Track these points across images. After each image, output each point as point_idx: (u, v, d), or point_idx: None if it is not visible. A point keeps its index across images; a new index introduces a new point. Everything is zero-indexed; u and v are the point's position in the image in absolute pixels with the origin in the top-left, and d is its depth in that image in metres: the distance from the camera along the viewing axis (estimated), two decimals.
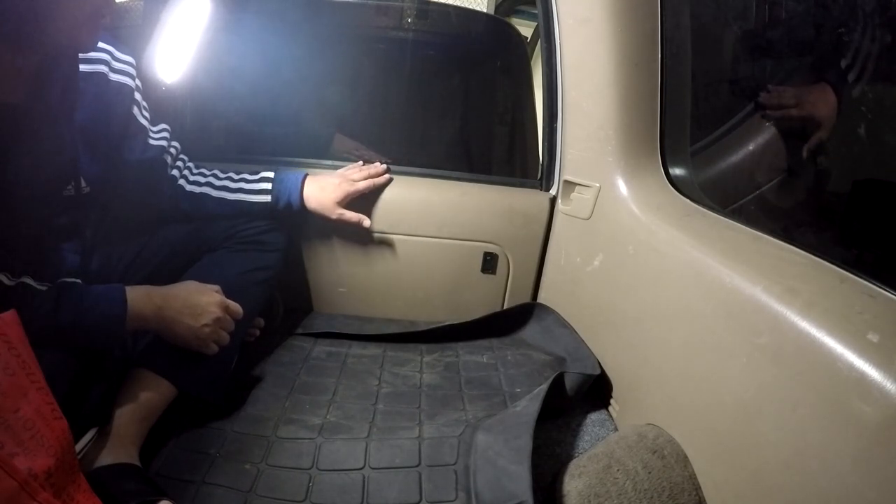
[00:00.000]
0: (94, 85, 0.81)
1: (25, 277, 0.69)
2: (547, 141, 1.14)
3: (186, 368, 0.81)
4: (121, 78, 0.85)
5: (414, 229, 1.16)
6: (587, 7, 0.95)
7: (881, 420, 0.47)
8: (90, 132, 0.81)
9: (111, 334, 0.74)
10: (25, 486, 0.47)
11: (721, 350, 0.68)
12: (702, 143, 1.13)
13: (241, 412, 0.87)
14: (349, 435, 0.83)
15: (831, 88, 1.00)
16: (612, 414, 0.95)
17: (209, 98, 1.36)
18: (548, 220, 1.16)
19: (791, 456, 0.55)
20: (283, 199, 1.03)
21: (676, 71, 0.97)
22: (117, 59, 0.85)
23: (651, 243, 0.88)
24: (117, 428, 0.73)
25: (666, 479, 0.69)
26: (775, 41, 1.13)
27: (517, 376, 1.02)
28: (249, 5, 1.47)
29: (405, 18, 1.53)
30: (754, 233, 0.77)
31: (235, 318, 0.84)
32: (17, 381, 0.52)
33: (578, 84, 1.02)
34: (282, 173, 1.05)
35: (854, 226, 0.93)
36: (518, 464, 0.71)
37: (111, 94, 0.84)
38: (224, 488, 0.71)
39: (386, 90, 1.59)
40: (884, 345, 0.50)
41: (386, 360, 1.07)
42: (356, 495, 0.72)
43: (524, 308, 1.18)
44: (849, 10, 0.99)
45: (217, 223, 1.00)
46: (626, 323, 0.94)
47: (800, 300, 0.59)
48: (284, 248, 1.04)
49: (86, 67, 0.80)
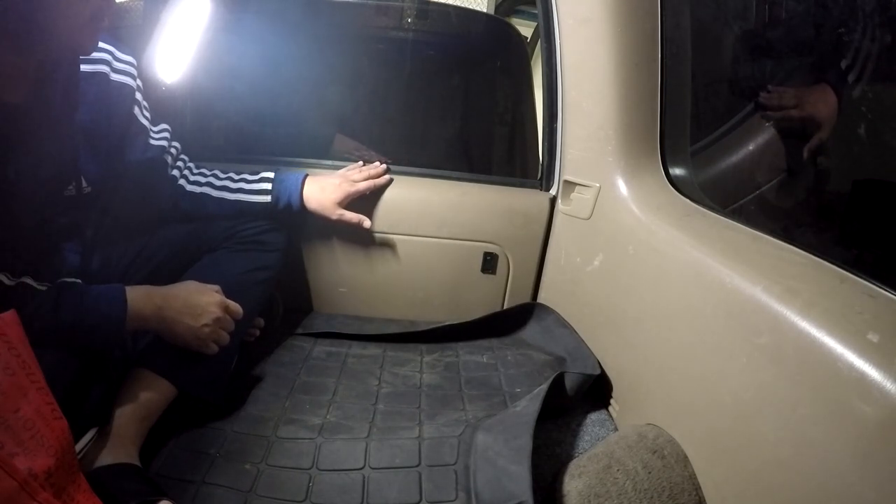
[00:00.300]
0: (95, 85, 0.81)
1: (25, 277, 0.69)
2: (547, 141, 1.14)
3: (186, 368, 0.81)
4: (122, 78, 0.85)
5: (414, 229, 1.16)
6: (587, 7, 0.95)
7: (881, 420, 0.47)
8: (91, 132, 0.81)
9: (111, 334, 0.74)
10: (25, 486, 0.47)
11: (721, 350, 0.68)
12: (702, 143, 1.13)
13: (241, 412, 0.87)
14: (349, 435, 0.83)
15: (831, 88, 1.00)
16: (612, 414, 0.95)
17: (209, 98, 1.35)
18: (548, 220, 1.16)
19: (791, 456, 0.55)
20: (284, 199, 1.03)
21: (676, 71, 0.97)
22: (118, 59, 0.85)
23: (651, 243, 0.88)
24: (117, 428, 0.73)
25: (666, 479, 0.69)
26: (775, 41, 1.13)
27: (517, 376, 1.02)
28: (249, 5, 1.47)
29: (405, 18, 1.53)
30: (754, 233, 0.77)
31: (235, 318, 0.84)
32: (17, 381, 0.52)
33: (578, 84, 1.02)
34: (282, 174, 1.05)
35: (854, 226, 0.93)
36: (518, 464, 0.71)
37: (112, 95, 0.84)
38: (224, 488, 0.71)
39: (386, 90, 1.59)
40: (884, 345, 0.50)
41: (386, 360, 1.07)
42: (356, 495, 0.72)
43: (524, 308, 1.18)
44: (849, 10, 0.99)
45: (217, 223, 1.00)
46: (626, 323, 0.94)
47: (800, 300, 0.59)
48: (284, 248, 1.04)
49: (87, 67, 0.79)
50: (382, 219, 1.15)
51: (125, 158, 0.89)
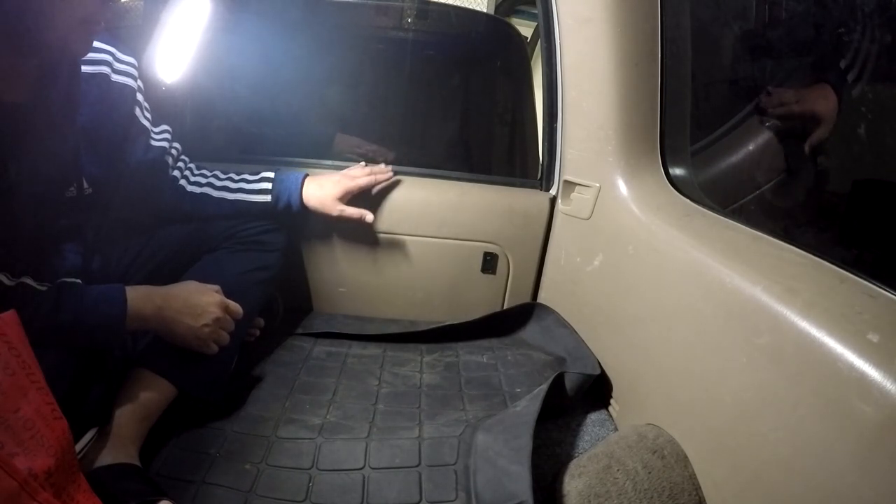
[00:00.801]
0: (96, 86, 0.81)
1: (25, 277, 0.69)
2: (547, 141, 1.14)
3: (186, 368, 0.81)
4: (123, 79, 0.85)
5: (414, 229, 1.16)
6: (587, 7, 0.95)
7: (881, 420, 0.47)
8: (92, 133, 0.81)
9: (111, 334, 0.74)
10: (25, 486, 0.47)
11: (721, 350, 0.68)
12: (702, 143, 1.13)
13: (241, 412, 0.87)
14: (349, 435, 0.83)
15: (831, 88, 1.00)
16: (612, 414, 0.95)
17: (210, 98, 1.36)
18: (548, 220, 1.16)
19: (791, 456, 0.55)
20: (283, 198, 1.03)
21: (676, 71, 0.97)
22: (119, 60, 0.84)
23: (651, 243, 0.88)
24: (117, 428, 0.73)
25: (666, 479, 0.69)
26: (775, 41, 1.13)
27: (517, 376, 1.02)
28: (249, 5, 1.47)
29: (405, 18, 1.53)
30: (754, 233, 0.77)
31: (235, 318, 0.84)
32: (17, 381, 0.52)
33: (578, 84, 1.02)
34: (282, 173, 1.05)
35: (854, 226, 0.93)
36: (518, 464, 0.71)
37: (113, 96, 0.84)
38: (224, 488, 0.71)
39: (386, 90, 1.59)
40: (884, 345, 0.50)
41: (386, 360, 1.07)
42: (356, 495, 0.72)
43: (524, 308, 1.18)
44: (848, 10, 0.99)
45: (217, 223, 1.00)
46: (626, 323, 0.94)
47: (800, 300, 0.59)
48: (284, 247, 1.04)
49: (88, 69, 0.79)
50: (382, 219, 1.15)
51: (126, 159, 0.89)
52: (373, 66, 1.58)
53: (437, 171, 1.20)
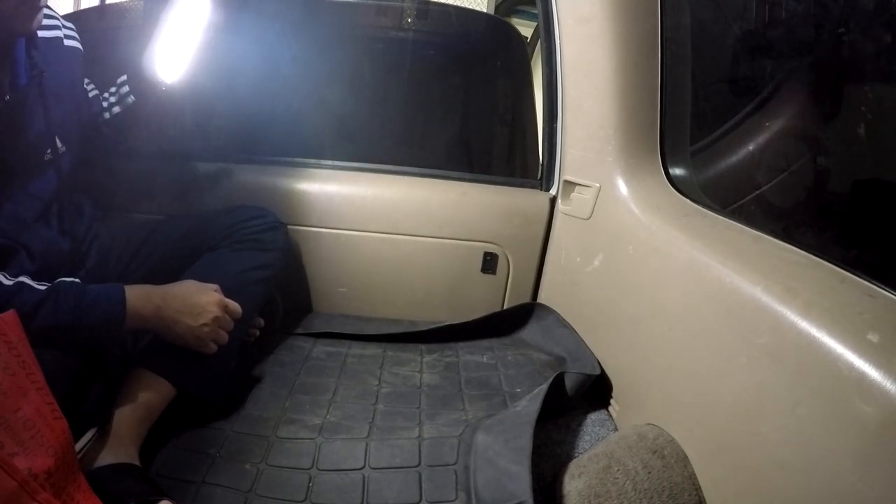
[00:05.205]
0: (53, 49, 0.85)
1: (24, 277, 0.69)
2: (547, 141, 1.14)
3: (186, 368, 0.81)
4: (73, 43, 0.90)
5: (414, 229, 1.16)
6: (587, 7, 0.95)
7: (881, 420, 0.47)
8: (57, 95, 0.83)
9: (110, 334, 0.74)
10: (25, 486, 0.47)
11: (721, 350, 0.68)
12: (702, 143, 1.13)
13: (241, 412, 0.87)
14: (349, 435, 0.83)
15: (831, 88, 1.00)
16: (612, 414, 0.95)
17: (209, 98, 1.35)
18: (548, 220, 1.16)
19: (791, 456, 0.55)
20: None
21: (676, 71, 0.97)
22: (65, 26, 0.89)
23: (651, 243, 0.88)
24: (117, 428, 0.73)
25: (666, 479, 0.69)
26: (775, 41, 1.13)
27: (517, 376, 1.02)
28: (249, 5, 1.47)
29: (405, 18, 1.53)
30: (754, 233, 0.77)
31: (235, 318, 0.84)
32: (17, 381, 0.52)
33: (578, 84, 1.02)
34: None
35: (854, 226, 0.93)
36: (518, 464, 0.71)
37: (68, 58, 0.88)
38: (224, 488, 0.71)
39: (386, 90, 1.59)
40: (884, 345, 0.50)
41: (386, 360, 1.07)
42: (356, 495, 0.72)
43: (524, 308, 1.18)
44: (848, 9, 0.99)
45: (217, 221, 1.00)
46: (626, 323, 0.94)
47: (799, 300, 0.59)
48: (284, 246, 1.04)
49: (45, 33, 0.83)
50: (383, 219, 1.15)
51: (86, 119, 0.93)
52: (372, 67, 1.57)
53: (437, 171, 1.21)
